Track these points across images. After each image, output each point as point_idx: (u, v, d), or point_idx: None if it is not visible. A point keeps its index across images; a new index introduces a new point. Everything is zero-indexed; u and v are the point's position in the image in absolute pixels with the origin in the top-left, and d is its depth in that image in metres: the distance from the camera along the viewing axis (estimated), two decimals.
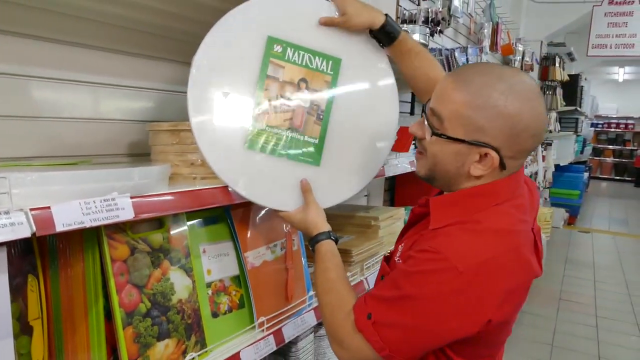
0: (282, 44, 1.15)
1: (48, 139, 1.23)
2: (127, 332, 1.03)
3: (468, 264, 0.85)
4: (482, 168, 0.92)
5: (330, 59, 1.20)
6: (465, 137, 0.90)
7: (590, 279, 5.06)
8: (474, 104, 0.88)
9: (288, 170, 1.17)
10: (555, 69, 7.48)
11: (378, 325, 0.90)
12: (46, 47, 1.21)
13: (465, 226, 0.91)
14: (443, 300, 0.85)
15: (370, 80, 1.25)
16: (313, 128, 1.18)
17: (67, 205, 0.78)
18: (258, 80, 1.13)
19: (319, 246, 1.11)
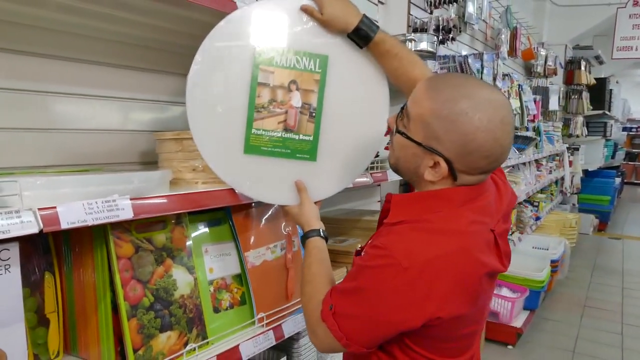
0: (268, 49, 1.19)
1: (62, 149, 1.35)
2: (132, 323, 1.12)
3: (413, 261, 0.89)
4: (434, 174, 0.97)
5: (317, 57, 1.22)
6: (422, 141, 0.96)
7: (618, 286, 4.94)
8: (437, 113, 0.93)
9: (288, 168, 1.23)
10: (581, 72, 7.37)
11: (337, 316, 0.97)
12: (59, 65, 1.34)
13: (416, 225, 0.96)
14: (389, 294, 0.91)
15: (359, 73, 1.26)
16: (307, 126, 1.23)
17: (71, 206, 0.88)
18: (249, 89, 1.19)
19: (308, 242, 1.18)
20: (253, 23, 1.19)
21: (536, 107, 5.40)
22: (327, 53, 1.22)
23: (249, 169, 1.20)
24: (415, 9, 3.40)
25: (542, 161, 5.56)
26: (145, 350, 1.14)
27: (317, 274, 1.11)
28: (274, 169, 1.22)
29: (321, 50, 1.22)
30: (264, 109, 1.20)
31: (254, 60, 1.18)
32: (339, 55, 1.23)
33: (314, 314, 1.03)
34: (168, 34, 1.45)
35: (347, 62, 1.24)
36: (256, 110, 1.19)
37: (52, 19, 1.25)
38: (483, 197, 1.01)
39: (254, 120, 1.19)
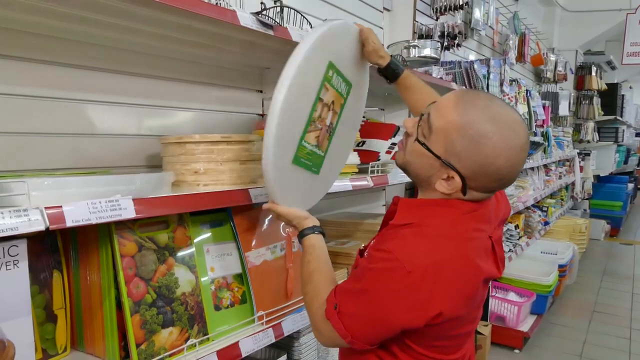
0: (334, 69, 1.23)
1: (73, 152, 1.42)
2: (135, 319, 1.17)
3: (416, 265, 0.93)
4: (446, 187, 1.01)
5: (348, 84, 1.32)
6: (442, 155, 0.98)
7: (628, 291, 4.90)
8: (462, 131, 0.95)
9: (306, 178, 1.29)
10: (592, 78, 7.35)
11: (342, 315, 1.01)
12: (69, 73, 1.41)
13: (421, 230, 1.00)
14: (393, 296, 0.95)
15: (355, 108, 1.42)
16: (324, 143, 1.31)
17: (76, 205, 0.94)
18: (314, 101, 1.20)
19: (304, 240, 1.21)
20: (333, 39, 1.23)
21: (545, 113, 5.40)
22: (352, 83, 1.34)
23: (288, 178, 1.22)
24: (421, 16, 3.44)
25: (551, 166, 5.54)
26: (147, 345, 1.19)
27: (316, 273, 1.15)
28: (300, 178, 1.27)
29: (350, 79, 1.33)
30: (314, 123, 1.23)
31: (324, 76, 1.21)
32: (355, 88, 1.36)
33: (318, 313, 1.07)
34: (174, 43, 1.52)
35: (355, 95, 1.38)
36: (311, 122, 1.22)
37: (60, 27, 1.31)
38: (484, 206, 1.06)
39: (306, 132, 1.21)
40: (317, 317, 1.08)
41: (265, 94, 2.04)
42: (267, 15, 1.46)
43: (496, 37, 4.75)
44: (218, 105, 1.87)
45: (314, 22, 1.88)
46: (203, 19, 1.24)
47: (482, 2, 4.16)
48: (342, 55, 1.27)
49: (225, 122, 1.90)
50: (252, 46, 1.60)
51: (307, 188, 1.32)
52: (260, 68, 1.99)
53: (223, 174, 1.35)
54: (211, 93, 1.84)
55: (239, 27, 1.29)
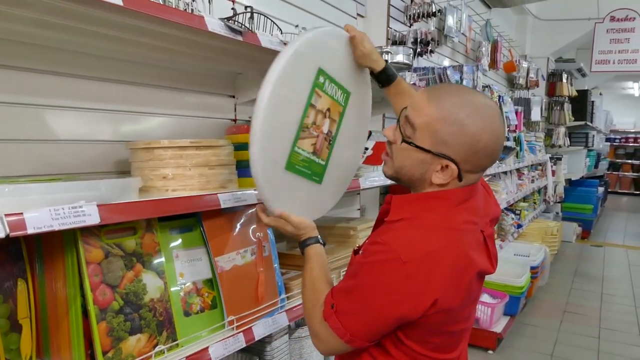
0: (325, 75, 1.23)
1: (39, 159, 1.39)
2: (101, 326, 1.16)
3: (412, 255, 0.95)
4: (443, 177, 1.03)
5: (345, 92, 1.32)
6: (431, 148, 1.01)
7: (597, 292, 5.03)
8: (443, 120, 1.00)
9: (304, 187, 1.27)
10: (563, 84, 7.53)
11: (340, 314, 1.01)
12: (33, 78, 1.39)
13: (415, 222, 1.02)
14: (391, 288, 0.96)
15: (359, 113, 1.42)
16: (324, 152, 1.30)
17: (38, 212, 0.93)
18: (304, 107, 1.20)
19: (308, 249, 1.20)
20: (323, 46, 1.25)
21: (518, 118, 5.51)
22: (351, 91, 1.34)
23: (282, 185, 1.20)
24: (395, 23, 3.49)
25: (523, 170, 5.66)
26: (114, 353, 1.18)
27: (318, 280, 1.15)
28: (294, 185, 1.24)
29: (348, 87, 1.33)
30: (307, 129, 1.22)
31: (314, 82, 1.22)
32: (355, 95, 1.36)
33: (316, 317, 1.07)
34: (144, 48, 1.51)
35: (356, 102, 1.38)
36: (303, 129, 1.21)
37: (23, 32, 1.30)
38: (474, 198, 1.09)
39: (298, 139, 1.20)
40: (315, 321, 1.07)
41: (238, 99, 2.04)
42: (237, 21, 1.46)
43: (469, 44, 4.84)
44: (190, 111, 1.86)
45: (285, 28, 1.90)
46: (171, 25, 1.24)
47: (454, 9, 4.23)
48: (334, 63, 1.27)
49: (198, 127, 1.89)
50: (223, 52, 1.60)
51: (311, 198, 1.30)
52: (233, 73, 1.99)
53: (192, 179, 1.35)
54: (183, 99, 1.84)
55: (207, 32, 1.29)
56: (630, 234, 8.55)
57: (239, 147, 1.55)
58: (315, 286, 1.14)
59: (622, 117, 14.73)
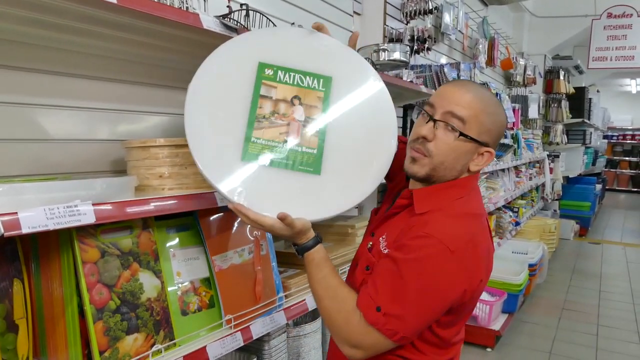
0: (272, 67, 1.24)
1: (34, 159, 1.39)
2: (98, 326, 1.16)
3: (457, 244, 1.00)
4: (481, 164, 1.11)
5: (321, 77, 1.27)
6: (478, 137, 1.08)
7: (595, 289, 5.04)
8: (487, 111, 1.08)
9: (290, 180, 1.20)
10: (560, 81, 7.54)
11: (390, 316, 1.00)
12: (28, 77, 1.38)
13: (445, 212, 1.07)
14: (444, 279, 0.99)
15: (363, 92, 1.30)
16: (310, 139, 1.23)
17: (32, 211, 0.92)
18: (252, 100, 1.21)
19: (312, 253, 1.13)
20: (261, 42, 1.27)
21: (515, 116, 5.51)
22: (331, 75, 1.28)
23: (246, 176, 1.18)
24: (391, 20, 3.49)
25: (521, 168, 5.66)
26: (111, 352, 1.17)
27: (339, 287, 1.09)
28: (276, 179, 1.19)
29: (325, 73, 1.28)
30: (265, 119, 1.22)
31: (257, 75, 1.23)
32: (342, 77, 1.29)
33: (355, 325, 1.02)
34: (139, 47, 1.50)
35: (350, 82, 1.29)
36: (257, 120, 1.21)
37: (18, 31, 1.29)
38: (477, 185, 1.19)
39: (254, 129, 1.21)
40: (355, 329, 1.03)
41: None
42: (232, 18, 1.46)
43: (466, 42, 4.83)
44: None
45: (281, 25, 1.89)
46: (166, 23, 1.23)
47: (451, 7, 4.23)
48: (288, 53, 1.27)
49: None
50: None
51: (308, 190, 1.21)
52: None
53: (188, 177, 1.35)
54: (179, 97, 1.83)
55: (202, 30, 1.29)
56: (628, 231, 8.57)
57: None
58: (338, 294, 1.08)
59: (619, 114, 14.76)
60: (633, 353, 3.56)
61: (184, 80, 1.81)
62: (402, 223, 1.12)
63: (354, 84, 1.30)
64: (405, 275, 1.00)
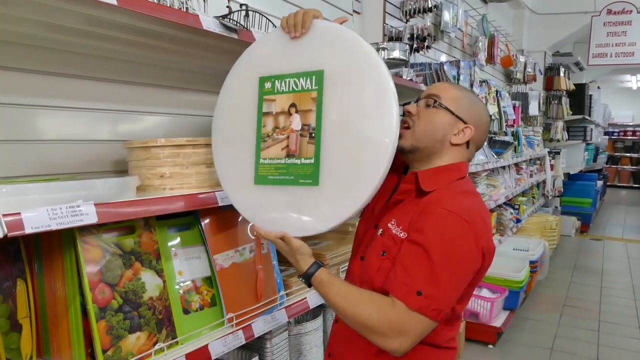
0: (270, 79, 1.22)
1: (36, 159, 1.40)
2: (100, 325, 1.17)
3: (470, 216, 1.08)
4: (461, 138, 1.20)
5: (313, 74, 1.17)
6: (455, 112, 1.20)
7: (597, 285, 5.04)
8: (464, 95, 1.24)
9: (294, 195, 1.17)
10: (560, 78, 7.53)
11: (431, 298, 1.04)
12: (31, 79, 1.39)
13: (451, 190, 1.15)
14: (467, 250, 1.08)
15: (357, 82, 1.13)
16: (307, 148, 1.16)
17: (35, 212, 0.93)
18: (257, 120, 1.22)
19: (318, 276, 1.15)
20: (257, 56, 1.27)
21: (515, 113, 5.51)
22: (322, 68, 1.16)
23: (260, 199, 1.20)
24: (391, 19, 3.49)
25: (522, 165, 5.66)
26: (114, 351, 1.19)
27: (356, 292, 1.11)
28: (281, 197, 1.18)
29: (316, 67, 1.17)
30: (269, 137, 1.20)
31: (259, 92, 1.24)
32: (333, 69, 1.15)
33: (397, 315, 1.04)
34: (140, 48, 1.51)
35: (343, 73, 1.14)
36: (262, 140, 1.21)
37: (20, 33, 1.30)
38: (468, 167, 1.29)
39: (261, 150, 1.21)
40: (394, 323, 1.04)
41: None
42: (232, 19, 1.47)
43: (465, 39, 4.83)
44: (188, 110, 1.87)
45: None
46: (166, 24, 1.24)
47: (451, 4, 4.23)
48: (277, 60, 1.22)
49: (195, 126, 1.90)
50: (219, 50, 1.60)
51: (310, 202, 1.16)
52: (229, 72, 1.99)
53: (189, 177, 1.36)
54: (180, 97, 1.84)
55: (202, 30, 1.29)
56: (630, 227, 8.57)
57: None
58: (361, 299, 1.09)
59: (620, 110, 14.74)
60: (635, 348, 3.57)
61: (185, 80, 1.83)
62: (411, 207, 1.15)
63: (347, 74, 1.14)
64: (433, 254, 1.05)
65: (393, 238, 1.14)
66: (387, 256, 1.14)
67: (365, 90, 1.12)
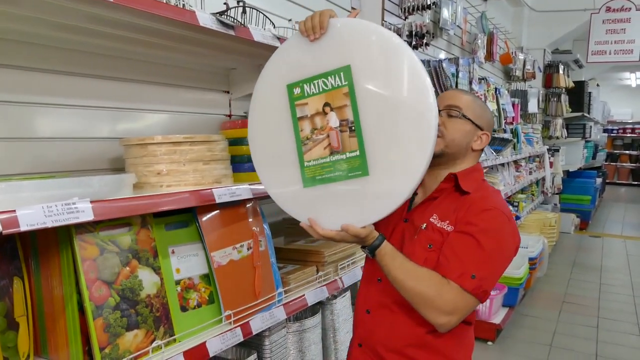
0: (298, 85, 1.23)
1: (32, 157, 1.39)
2: (97, 322, 1.16)
3: (508, 212, 1.26)
4: (480, 144, 1.34)
5: (340, 71, 1.18)
6: (474, 120, 1.32)
7: (596, 282, 5.04)
8: (476, 103, 1.35)
9: (346, 189, 1.19)
10: (559, 76, 7.51)
11: (481, 280, 1.17)
12: (28, 76, 1.38)
13: (487, 187, 1.32)
14: (510, 241, 1.24)
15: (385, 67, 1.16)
16: (350, 142, 1.18)
17: (31, 209, 0.93)
18: (293, 127, 1.23)
19: (383, 249, 1.20)
20: (279, 64, 1.27)
21: (515, 110, 5.51)
22: (348, 63, 1.18)
23: (310, 199, 1.22)
24: (390, 16, 3.48)
25: (521, 162, 5.66)
26: (111, 349, 1.18)
27: (416, 268, 1.20)
28: (333, 195, 1.20)
29: (342, 63, 1.18)
30: (309, 140, 1.22)
31: (290, 99, 1.24)
32: (360, 62, 1.17)
33: (446, 297, 1.17)
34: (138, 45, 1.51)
35: (371, 64, 1.17)
36: (303, 144, 1.23)
37: (18, 30, 1.29)
38: None
39: (304, 154, 1.23)
40: (447, 300, 1.17)
41: (232, 94, 2.04)
42: (229, 15, 1.46)
43: (465, 37, 4.82)
44: (185, 107, 1.86)
45: (277, 22, 1.89)
46: (162, 20, 1.24)
47: (450, 2, 4.22)
48: (303, 63, 1.23)
49: (193, 123, 1.89)
50: (216, 47, 1.60)
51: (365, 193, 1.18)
52: (227, 69, 1.99)
53: (186, 174, 1.35)
54: (178, 95, 1.83)
55: (199, 27, 1.29)
56: (629, 224, 8.57)
57: (233, 142, 1.55)
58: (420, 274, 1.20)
59: (619, 108, 14.73)
60: (634, 345, 3.57)
61: (183, 78, 1.83)
62: (452, 204, 1.28)
63: (371, 58, 1.17)
64: (483, 243, 1.19)
65: (440, 231, 1.26)
66: (434, 248, 1.25)
67: (395, 72, 1.14)
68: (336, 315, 1.96)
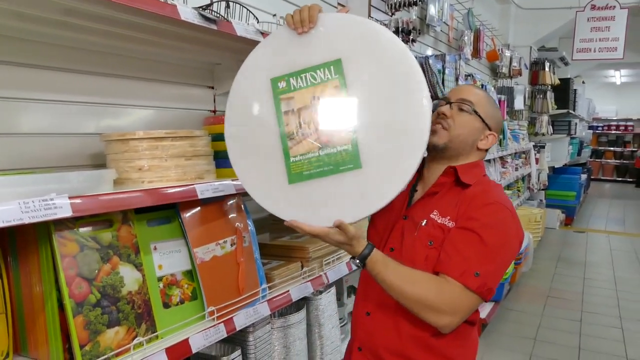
0: (283, 79, 1.20)
1: (11, 153, 1.37)
2: (78, 320, 1.15)
3: (510, 206, 1.23)
4: (487, 144, 1.30)
5: (331, 64, 1.17)
6: (485, 119, 1.28)
7: (580, 276, 5.12)
8: (489, 102, 1.32)
9: (337, 183, 1.16)
10: (545, 73, 7.59)
11: (485, 277, 1.14)
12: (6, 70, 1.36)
13: (488, 182, 1.28)
14: (513, 236, 1.20)
15: (377, 59, 1.15)
16: (342, 136, 1.16)
17: (7, 205, 0.91)
18: (277, 121, 1.19)
19: (374, 256, 1.16)
20: (263, 57, 1.24)
21: (501, 107, 5.55)
22: (339, 57, 1.17)
23: (299, 197, 1.19)
24: (376, 12, 3.48)
25: (507, 158, 5.71)
26: (92, 346, 1.17)
27: (410, 271, 1.17)
28: (323, 189, 1.17)
29: (332, 57, 1.17)
30: (295, 134, 1.19)
31: (273, 93, 1.20)
32: (351, 55, 1.16)
33: (448, 297, 1.13)
34: (120, 39, 1.49)
35: (362, 57, 1.16)
36: (289, 139, 1.19)
37: None
38: None
39: (289, 149, 1.19)
40: (448, 301, 1.13)
41: (217, 90, 2.02)
42: (212, 10, 1.45)
43: (451, 33, 4.84)
44: (169, 103, 1.84)
45: (262, 17, 1.88)
46: (143, 14, 1.22)
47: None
48: (289, 57, 1.21)
49: (177, 119, 1.87)
50: (200, 42, 1.59)
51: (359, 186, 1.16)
52: (211, 64, 1.98)
53: (168, 170, 1.34)
54: (162, 90, 1.82)
55: (180, 21, 1.28)
56: (612, 219, 8.71)
57: (216, 138, 1.53)
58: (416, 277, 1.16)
59: (604, 105, 14.92)
60: (615, 338, 3.64)
61: (165, 73, 1.81)
62: (452, 199, 1.25)
63: (363, 52, 1.16)
64: (486, 239, 1.15)
65: (440, 227, 1.22)
66: (435, 245, 1.22)
67: (386, 63, 1.14)
68: (321, 311, 1.96)
